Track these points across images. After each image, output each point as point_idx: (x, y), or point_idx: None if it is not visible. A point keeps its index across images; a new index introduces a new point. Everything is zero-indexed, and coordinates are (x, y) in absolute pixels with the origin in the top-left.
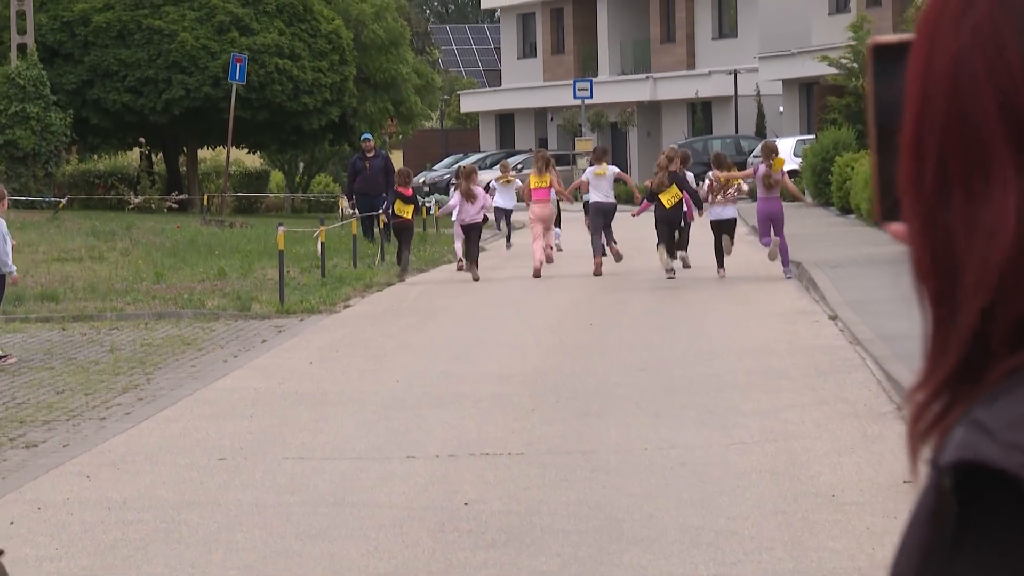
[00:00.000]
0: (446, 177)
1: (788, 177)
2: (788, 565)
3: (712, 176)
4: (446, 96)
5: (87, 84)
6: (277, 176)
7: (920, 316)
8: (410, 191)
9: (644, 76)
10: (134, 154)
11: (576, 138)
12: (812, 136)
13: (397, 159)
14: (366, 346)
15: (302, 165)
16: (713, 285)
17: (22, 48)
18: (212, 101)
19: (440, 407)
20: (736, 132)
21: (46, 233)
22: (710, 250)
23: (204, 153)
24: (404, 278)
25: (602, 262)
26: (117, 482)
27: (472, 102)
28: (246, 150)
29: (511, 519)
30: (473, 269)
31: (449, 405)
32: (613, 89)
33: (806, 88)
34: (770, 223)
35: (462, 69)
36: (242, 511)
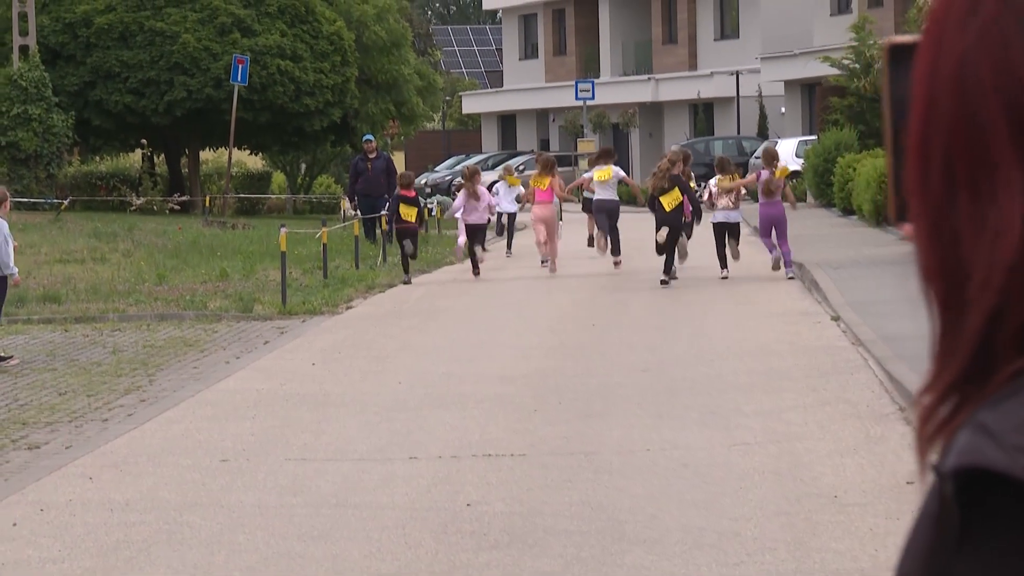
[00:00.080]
0: (448, 178)
1: (787, 185)
2: (791, 566)
3: (714, 184)
4: (448, 97)
5: (89, 86)
6: (279, 177)
7: (926, 318)
8: (413, 193)
9: (646, 77)
10: (136, 155)
11: (578, 139)
12: (814, 137)
13: (399, 160)
14: (368, 347)
15: (304, 166)
16: (714, 285)
17: (24, 50)
18: (214, 102)
19: (442, 408)
20: (738, 133)
21: (48, 235)
22: (711, 251)
23: (206, 154)
24: (408, 279)
25: (606, 244)
26: (119, 483)
27: (474, 103)
28: (248, 151)
29: (514, 520)
30: (480, 256)
31: (451, 406)
32: (615, 90)
33: (808, 89)
34: (772, 227)
35: (464, 70)
36: (244, 512)
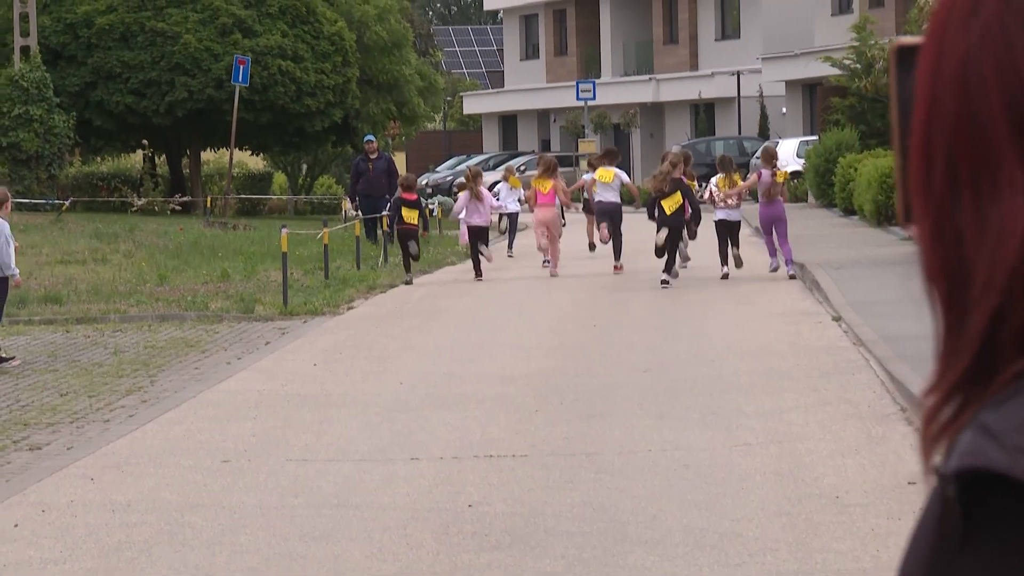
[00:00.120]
0: (449, 179)
1: (784, 185)
2: (792, 567)
3: (714, 186)
4: (449, 98)
5: (90, 86)
6: (280, 178)
7: (928, 318)
8: (415, 196)
9: (647, 77)
10: (137, 156)
11: (579, 140)
12: (815, 137)
13: (400, 161)
14: (369, 348)
15: (305, 167)
16: (715, 285)
17: (25, 50)
18: (215, 103)
19: (444, 409)
20: (739, 133)
21: (49, 235)
22: (710, 251)
23: (207, 155)
24: (410, 279)
25: (609, 235)
26: (121, 484)
27: (475, 104)
28: (249, 152)
29: (515, 521)
30: (487, 255)
31: (452, 407)
32: (616, 90)
33: (809, 89)
34: (772, 225)
35: (465, 71)
36: (246, 513)
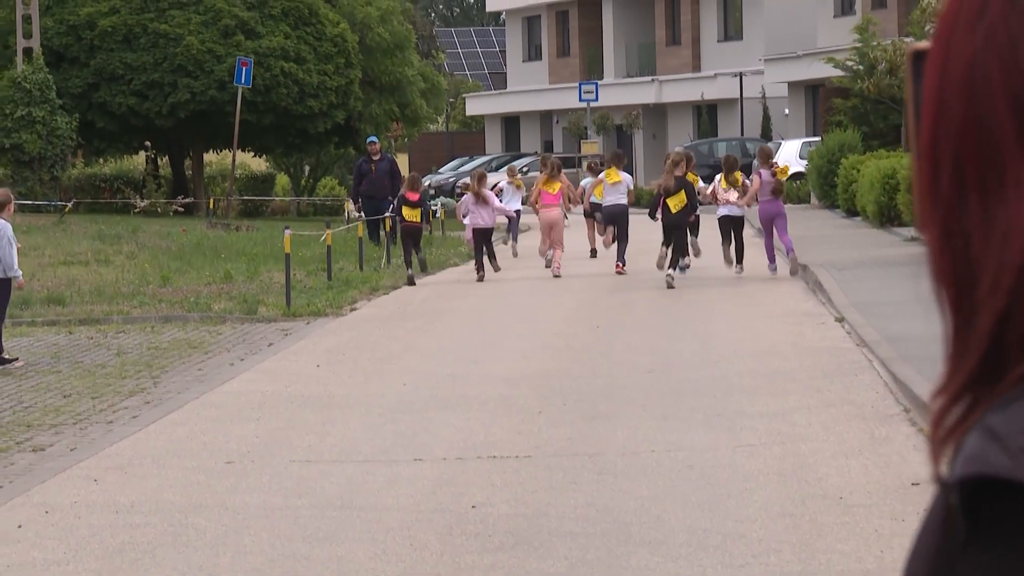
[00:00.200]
0: (451, 180)
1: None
2: (796, 567)
3: (715, 187)
4: (451, 99)
5: (93, 88)
6: (283, 179)
7: (932, 318)
8: (417, 196)
9: (649, 79)
10: (140, 158)
11: (582, 141)
12: (818, 138)
13: (402, 162)
14: (372, 349)
15: (308, 168)
16: (718, 286)
17: (28, 52)
18: (218, 104)
19: (447, 410)
20: (742, 134)
21: (52, 237)
22: (714, 249)
23: (210, 156)
24: (419, 278)
25: (612, 239)
26: (124, 486)
27: (477, 105)
28: (252, 153)
29: (519, 522)
30: (492, 262)
31: (456, 408)
32: (618, 92)
33: (812, 90)
34: (772, 221)
35: (467, 72)
36: (249, 514)
